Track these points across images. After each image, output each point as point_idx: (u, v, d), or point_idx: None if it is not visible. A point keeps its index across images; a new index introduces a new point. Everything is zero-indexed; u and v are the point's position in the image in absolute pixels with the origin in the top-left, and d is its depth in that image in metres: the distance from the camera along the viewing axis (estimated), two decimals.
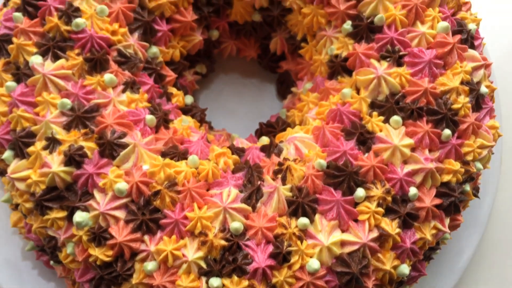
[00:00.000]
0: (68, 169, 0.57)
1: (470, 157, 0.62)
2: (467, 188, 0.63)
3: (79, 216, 0.56)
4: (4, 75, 0.61)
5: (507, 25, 0.91)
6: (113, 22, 0.63)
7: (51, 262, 0.62)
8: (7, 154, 0.59)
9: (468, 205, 0.66)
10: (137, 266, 0.56)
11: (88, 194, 0.57)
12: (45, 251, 0.63)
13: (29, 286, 0.67)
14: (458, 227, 0.65)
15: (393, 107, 0.61)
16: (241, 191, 0.59)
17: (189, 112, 0.72)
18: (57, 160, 0.57)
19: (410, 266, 0.60)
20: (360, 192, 0.58)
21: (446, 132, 0.60)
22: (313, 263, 0.56)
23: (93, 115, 0.58)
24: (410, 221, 0.59)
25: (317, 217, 0.58)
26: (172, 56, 0.71)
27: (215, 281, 0.55)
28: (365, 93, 0.63)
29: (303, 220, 0.57)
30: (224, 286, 0.55)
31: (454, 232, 0.69)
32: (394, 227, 0.58)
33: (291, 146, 0.63)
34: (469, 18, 0.66)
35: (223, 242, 0.56)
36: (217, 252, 0.56)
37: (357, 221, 0.58)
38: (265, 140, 0.72)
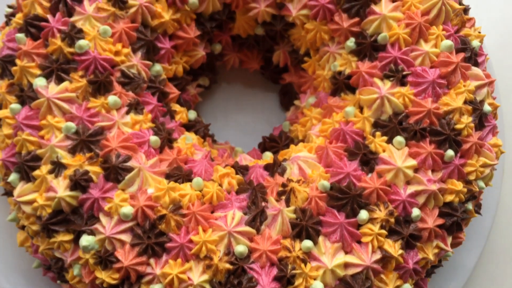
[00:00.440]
0: (74, 193, 0.57)
1: (472, 176, 0.62)
2: (469, 206, 0.63)
3: (85, 240, 0.57)
4: (8, 97, 0.61)
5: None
6: (116, 43, 0.63)
7: (58, 281, 0.63)
8: (13, 177, 0.59)
9: (470, 220, 0.66)
10: None
11: (94, 217, 0.58)
12: (52, 269, 0.64)
13: None
14: (460, 244, 0.65)
15: (396, 128, 0.61)
16: (245, 213, 0.59)
17: (192, 128, 0.72)
18: (63, 185, 0.57)
19: (412, 285, 0.61)
20: (363, 214, 0.58)
21: (449, 153, 0.60)
22: (317, 286, 0.56)
23: (98, 138, 0.59)
24: (413, 242, 0.59)
25: (321, 239, 0.58)
26: (175, 72, 0.71)
27: None
28: (368, 113, 0.63)
29: (307, 243, 0.57)
30: None
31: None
32: (397, 248, 0.58)
33: (294, 165, 0.63)
34: (472, 35, 0.66)
35: (228, 266, 0.56)
36: (222, 275, 0.56)
37: (360, 242, 0.59)
38: (268, 155, 0.72)
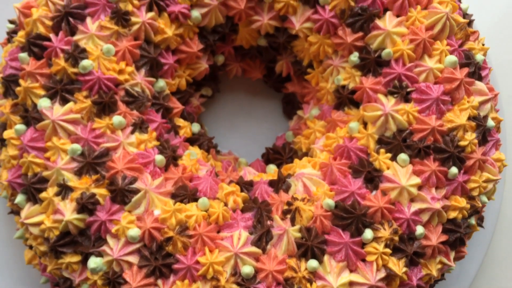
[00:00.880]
0: (81, 216, 0.58)
1: (475, 192, 0.63)
2: (472, 221, 0.64)
3: (93, 262, 0.57)
4: (12, 117, 0.61)
5: None
6: (119, 61, 0.62)
7: None
8: (20, 198, 0.60)
9: (472, 234, 0.67)
10: None
11: (101, 239, 0.58)
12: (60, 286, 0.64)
13: None
14: (462, 258, 0.66)
15: (400, 145, 0.61)
16: (251, 233, 0.60)
17: (196, 141, 0.72)
18: (70, 208, 0.57)
19: None
20: (368, 234, 0.59)
21: (453, 171, 0.61)
22: None
23: (103, 160, 0.59)
24: (416, 260, 0.60)
25: (326, 258, 0.59)
26: (179, 85, 0.71)
27: None
28: (373, 129, 0.63)
29: (313, 263, 0.58)
30: None
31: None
32: (401, 266, 0.59)
33: (299, 182, 0.64)
34: (476, 49, 0.66)
35: (235, 287, 0.57)
36: None
37: (364, 260, 0.59)
38: (272, 169, 0.73)
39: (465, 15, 0.68)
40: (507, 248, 0.81)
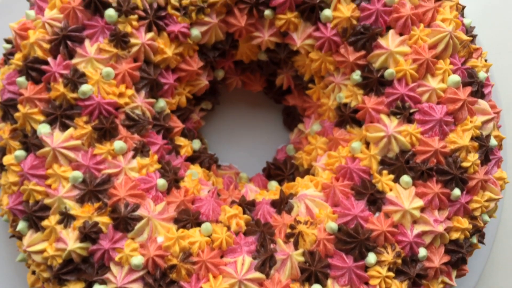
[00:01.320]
0: (84, 245, 0.57)
1: (478, 212, 0.63)
2: (474, 240, 0.64)
3: None
4: (12, 143, 0.61)
5: None
6: (119, 84, 0.61)
7: None
8: (22, 225, 0.59)
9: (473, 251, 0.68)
10: None
11: (104, 267, 0.58)
12: None
13: None
14: (463, 276, 0.67)
15: (403, 166, 0.61)
16: (254, 258, 0.60)
17: (197, 159, 0.72)
18: (73, 237, 0.57)
19: None
20: (371, 258, 0.59)
21: (455, 193, 0.61)
22: None
23: (105, 187, 0.58)
24: (419, 282, 0.60)
25: (330, 282, 0.59)
26: (179, 103, 0.70)
27: None
28: (375, 150, 0.63)
29: None
30: None
31: None
32: None
33: (301, 204, 0.64)
34: (479, 66, 0.65)
35: None
36: None
37: (367, 283, 0.60)
38: (273, 186, 0.72)
39: (468, 30, 0.67)
40: (508, 254, 0.82)
